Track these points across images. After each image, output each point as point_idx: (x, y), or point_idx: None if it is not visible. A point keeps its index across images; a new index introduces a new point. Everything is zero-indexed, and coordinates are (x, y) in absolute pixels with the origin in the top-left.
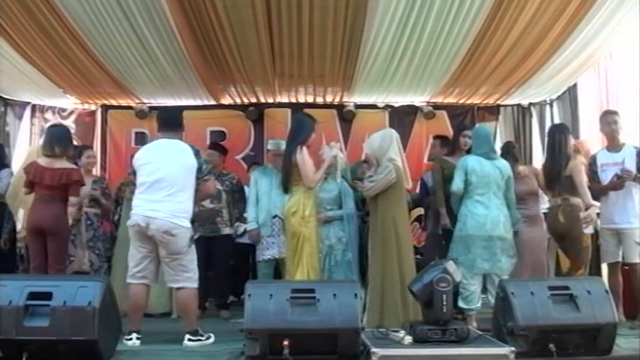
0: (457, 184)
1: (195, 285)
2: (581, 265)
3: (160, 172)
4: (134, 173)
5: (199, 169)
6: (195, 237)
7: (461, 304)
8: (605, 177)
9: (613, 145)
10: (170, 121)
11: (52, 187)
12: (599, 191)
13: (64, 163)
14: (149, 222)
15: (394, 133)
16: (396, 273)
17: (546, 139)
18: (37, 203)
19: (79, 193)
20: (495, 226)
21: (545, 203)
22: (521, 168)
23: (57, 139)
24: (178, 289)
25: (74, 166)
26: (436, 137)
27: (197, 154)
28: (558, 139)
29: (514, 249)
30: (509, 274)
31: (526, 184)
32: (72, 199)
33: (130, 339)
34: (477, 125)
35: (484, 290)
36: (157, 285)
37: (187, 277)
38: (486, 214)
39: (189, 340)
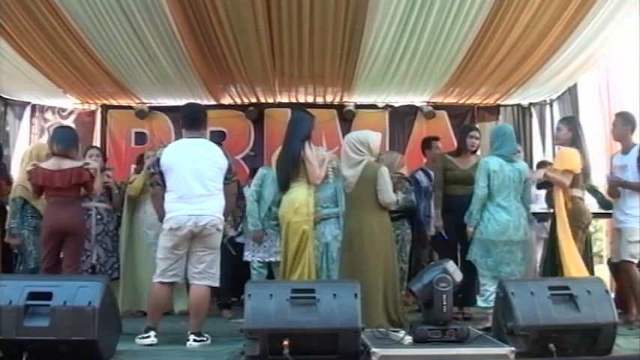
0: (482, 189)
1: (216, 284)
2: None
3: (193, 171)
4: (161, 174)
5: (229, 170)
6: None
7: (481, 303)
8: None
9: (623, 147)
10: (193, 119)
11: (64, 189)
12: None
13: (72, 163)
14: (198, 220)
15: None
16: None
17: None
18: (52, 206)
19: (93, 185)
20: (517, 231)
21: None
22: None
23: (64, 140)
24: (197, 286)
25: (81, 165)
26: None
27: (225, 154)
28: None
29: (528, 250)
30: None
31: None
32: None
33: (149, 336)
34: (499, 123)
35: None
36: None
37: (212, 273)
38: (508, 219)
39: (195, 340)
